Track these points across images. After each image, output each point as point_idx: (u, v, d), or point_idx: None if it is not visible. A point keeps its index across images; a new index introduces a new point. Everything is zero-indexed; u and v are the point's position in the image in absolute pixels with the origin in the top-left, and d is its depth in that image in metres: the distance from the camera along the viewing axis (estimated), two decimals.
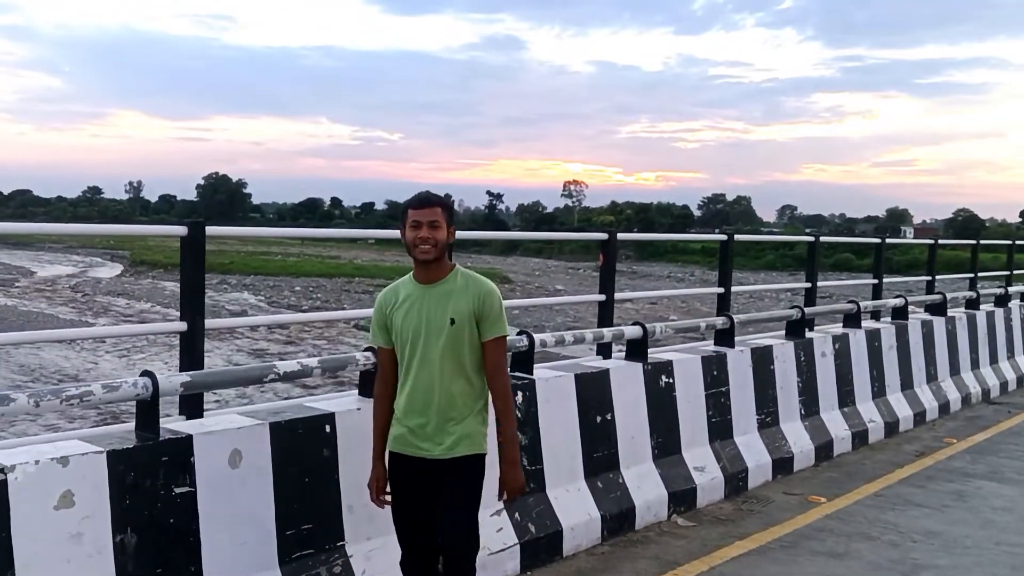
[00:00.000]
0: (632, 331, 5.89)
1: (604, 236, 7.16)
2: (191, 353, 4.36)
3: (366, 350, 4.31)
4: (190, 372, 3.90)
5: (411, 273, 3.56)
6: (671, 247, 68.03)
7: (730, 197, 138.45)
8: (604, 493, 5.34)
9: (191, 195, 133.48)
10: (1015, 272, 14.15)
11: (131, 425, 3.69)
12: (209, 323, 4.49)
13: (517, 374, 5.12)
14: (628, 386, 5.65)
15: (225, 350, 20.50)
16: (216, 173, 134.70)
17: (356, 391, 4.50)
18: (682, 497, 5.83)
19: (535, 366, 5.20)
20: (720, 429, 6.37)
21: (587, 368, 5.50)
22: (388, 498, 3.60)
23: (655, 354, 6.21)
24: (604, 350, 6.50)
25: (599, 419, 5.41)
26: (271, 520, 3.80)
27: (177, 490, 3.49)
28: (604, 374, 5.51)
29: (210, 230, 4.45)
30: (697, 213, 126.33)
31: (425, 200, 3.48)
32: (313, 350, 20.97)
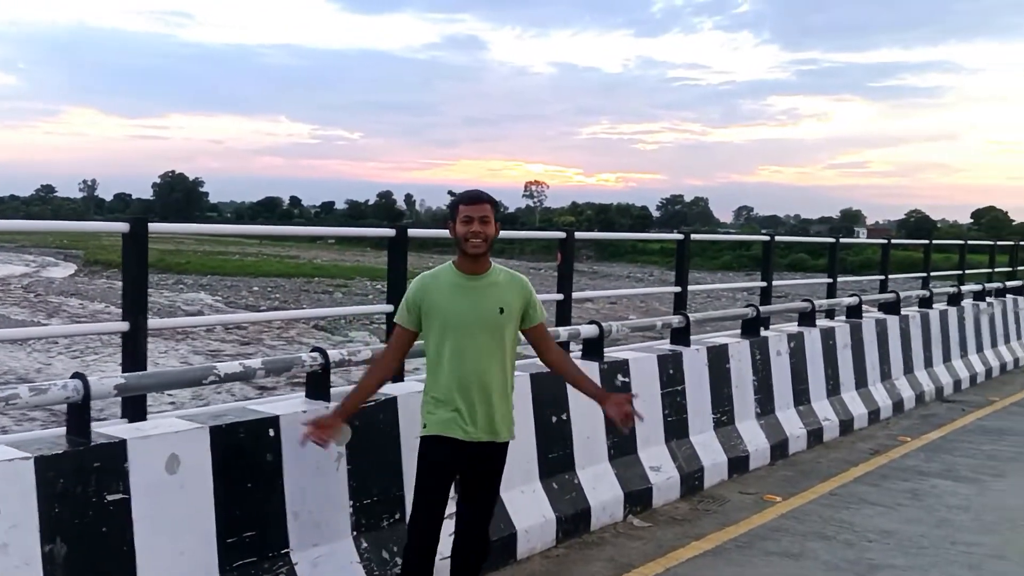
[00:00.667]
0: (588, 330, 5.82)
1: (562, 235, 7.09)
2: (133, 354, 4.19)
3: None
4: (125, 374, 3.74)
5: (451, 264, 3.74)
6: (631, 247, 68.38)
7: (688, 198, 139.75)
8: (559, 494, 5.26)
9: (147, 194, 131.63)
10: (967, 272, 14.37)
11: (63, 430, 3.53)
12: (152, 323, 4.33)
13: None
14: None
15: (183, 350, 20.17)
16: (173, 171, 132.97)
17: (304, 393, 4.37)
18: (638, 497, 5.77)
19: None
20: (676, 428, 6.32)
21: (542, 367, 5.40)
22: (316, 435, 3.66)
23: (611, 353, 6.15)
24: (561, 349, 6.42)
25: (555, 419, 5.33)
26: (211, 527, 3.66)
27: (110, 497, 3.34)
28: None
29: (154, 227, 4.28)
30: (656, 214, 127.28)
31: (476, 197, 3.69)
32: (268, 350, 20.69)
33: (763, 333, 7.55)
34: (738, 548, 5.24)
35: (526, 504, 5.03)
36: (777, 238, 10.62)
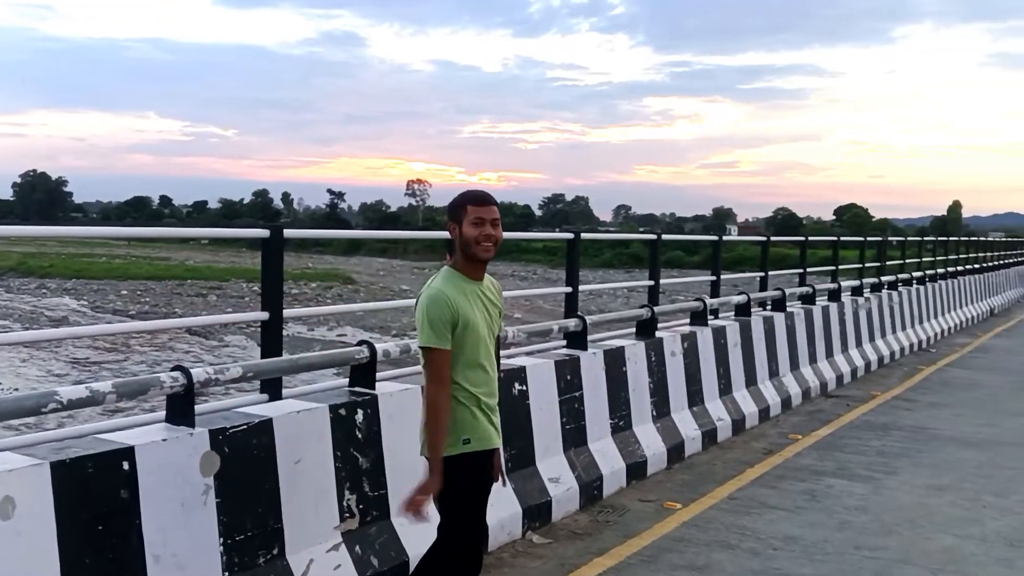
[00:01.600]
0: None
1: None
2: None
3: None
4: None
5: (450, 269, 3.52)
6: (514, 246, 68.52)
7: (569, 197, 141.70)
8: None
9: (6, 194, 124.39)
10: (839, 268, 14.76)
11: None
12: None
13: (357, 389, 4.62)
14: None
15: (44, 356, 18.88)
16: (34, 170, 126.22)
17: (164, 416, 3.85)
18: (537, 512, 5.46)
19: (379, 377, 4.72)
20: (574, 436, 6.06)
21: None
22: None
23: (507, 361, 5.82)
24: None
25: None
26: None
27: None
28: None
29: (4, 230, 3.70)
30: (538, 213, 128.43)
31: (487, 198, 3.53)
32: (140, 357, 19.57)
33: (658, 334, 7.39)
34: (643, 563, 4.99)
35: (419, 529, 4.58)
36: (664, 237, 10.58)
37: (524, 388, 5.59)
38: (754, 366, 9.00)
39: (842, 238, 17.28)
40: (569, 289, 7.72)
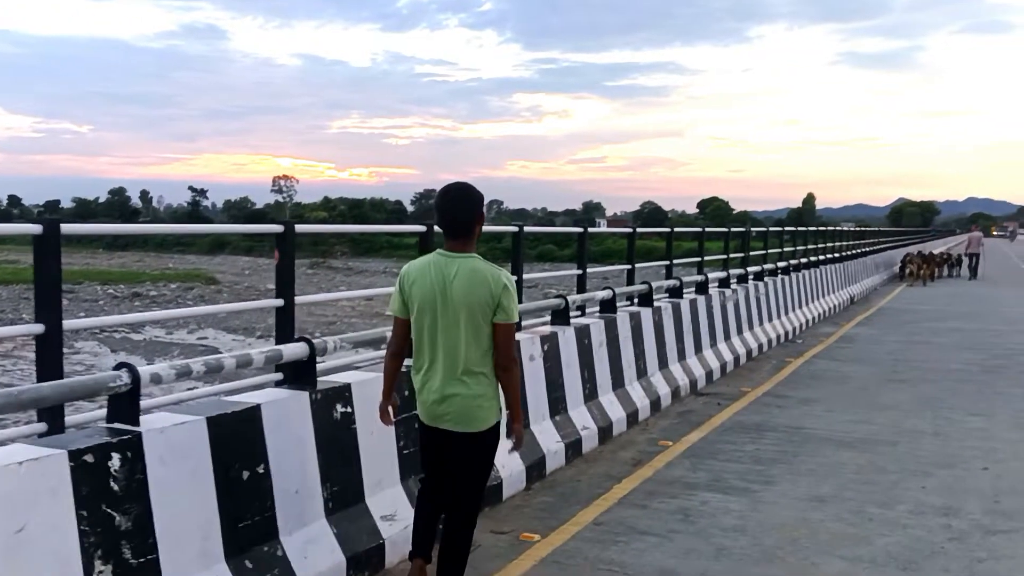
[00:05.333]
0: (294, 350, 4.51)
1: (279, 229, 5.78)
2: None
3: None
4: None
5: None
6: (386, 242, 67.24)
7: None
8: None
9: None
10: (705, 259, 14.45)
11: None
12: None
13: (116, 426, 3.59)
14: (288, 425, 4.27)
15: None
16: None
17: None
18: (365, 560, 4.54)
19: (151, 406, 3.70)
20: (414, 462, 5.15)
21: (228, 407, 4.05)
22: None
23: (330, 378, 4.89)
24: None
25: (247, 475, 3.98)
26: None
27: None
28: (253, 413, 4.09)
29: None
30: (411, 208, 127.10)
31: None
32: None
33: (516, 336, 6.57)
34: None
35: None
36: (527, 229, 9.90)
37: (348, 410, 4.66)
38: (621, 367, 8.33)
39: (707, 229, 17.02)
40: None
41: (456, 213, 3.94)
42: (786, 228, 24.12)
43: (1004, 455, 7.21)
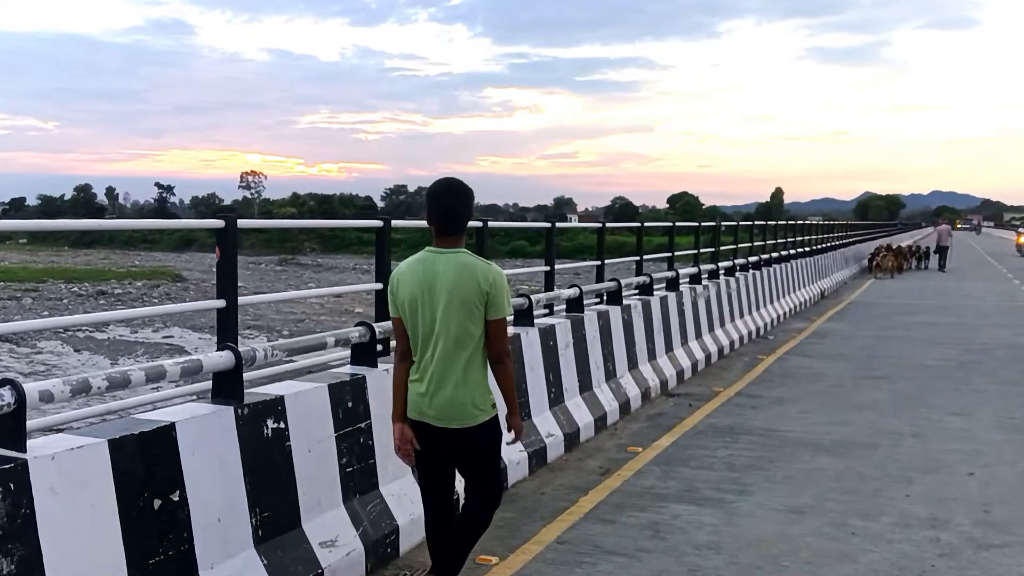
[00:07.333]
0: (216, 361, 4.03)
1: (220, 224, 5.27)
2: None
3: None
4: None
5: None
6: (356, 239, 66.66)
7: (412, 188, 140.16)
8: None
9: None
10: (676, 254, 14.06)
11: None
12: None
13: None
14: (209, 445, 3.80)
15: None
16: None
17: None
18: None
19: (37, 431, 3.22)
20: (359, 480, 4.71)
21: (135, 427, 3.57)
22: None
23: (264, 389, 4.42)
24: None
25: (158, 504, 3.51)
26: None
27: None
28: (165, 432, 3.61)
29: None
30: (381, 204, 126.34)
31: None
32: None
33: None
34: None
35: None
36: (492, 224, 9.46)
37: (281, 426, 4.19)
38: (589, 369, 7.92)
39: (677, 223, 16.67)
40: (379, 286, 6.31)
41: (453, 208, 3.89)
42: (755, 223, 23.86)
43: (989, 459, 6.87)
